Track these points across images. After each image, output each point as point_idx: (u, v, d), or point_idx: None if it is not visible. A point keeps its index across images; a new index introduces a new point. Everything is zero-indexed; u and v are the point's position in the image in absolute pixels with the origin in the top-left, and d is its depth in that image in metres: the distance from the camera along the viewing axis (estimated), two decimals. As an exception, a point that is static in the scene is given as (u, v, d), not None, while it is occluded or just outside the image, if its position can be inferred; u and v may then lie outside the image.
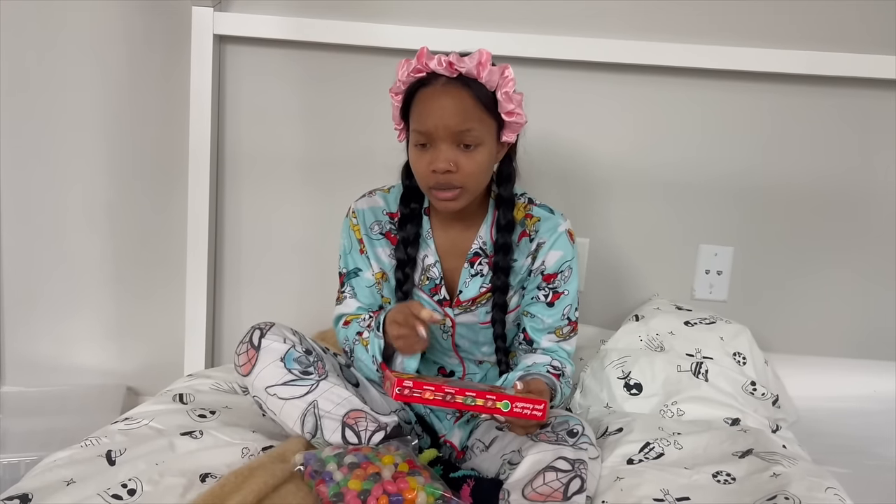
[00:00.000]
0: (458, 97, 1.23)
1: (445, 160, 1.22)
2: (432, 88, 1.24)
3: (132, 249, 1.88)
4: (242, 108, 1.82)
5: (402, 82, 1.27)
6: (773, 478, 1.15)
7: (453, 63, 1.22)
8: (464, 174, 1.24)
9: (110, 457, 1.17)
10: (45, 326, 1.90)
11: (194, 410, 1.37)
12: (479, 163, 1.25)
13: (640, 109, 1.80)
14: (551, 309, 1.35)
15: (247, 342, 1.28)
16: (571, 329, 1.37)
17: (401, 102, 1.29)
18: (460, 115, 1.22)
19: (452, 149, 1.23)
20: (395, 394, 1.10)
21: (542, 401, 1.12)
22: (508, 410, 1.10)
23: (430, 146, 1.24)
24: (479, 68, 1.22)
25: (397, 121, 1.32)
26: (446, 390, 1.10)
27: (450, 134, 1.22)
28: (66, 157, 1.83)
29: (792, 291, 1.87)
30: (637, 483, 1.17)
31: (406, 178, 1.37)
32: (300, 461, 1.16)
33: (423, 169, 1.26)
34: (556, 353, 1.36)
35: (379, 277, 1.39)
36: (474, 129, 1.23)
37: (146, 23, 1.77)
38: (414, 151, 1.27)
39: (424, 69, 1.24)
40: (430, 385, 1.10)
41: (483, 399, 1.10)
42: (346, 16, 1.74)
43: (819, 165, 1.81)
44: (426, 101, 1.24)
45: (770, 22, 1.73)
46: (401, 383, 1.10)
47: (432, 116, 1.22)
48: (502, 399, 1.10)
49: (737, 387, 1.51)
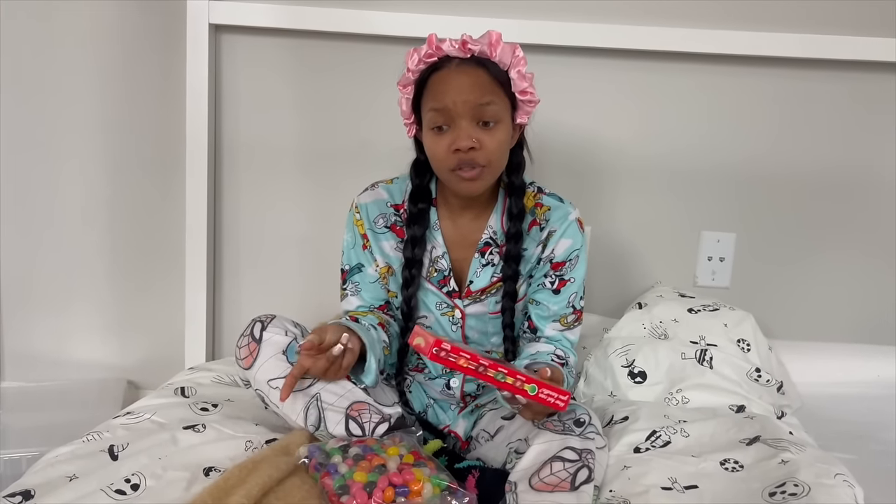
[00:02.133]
0: (474, 74, 1.22)
1: (468, 137, 1.21)
2: (447, 70, 1.23)
3: (130, 242, 1.87)
4: (239, 99, 1.80)
5: (412, 71, 1.25)
6: (781, 465, 1.15)
7: (467, 42, 1.22)
8: (487, 151, 1.22)
9: (112, 451, 1.15)
10: (44, 321, 1.88)
11: (196, 404, 1.36)
12: (500, 141, 1.24)
13: (643, 96, 1.79)
14: (557, 296, 1.34)
15: (248, 335, 1.27)
16: (576, 318, 1.36)
17: (412, 93, 1.27)
18: (479, 89, 1.21)
19: (473, 126, 1.22)
20: (431, 353, 1.07)
21: (568, 392, 1.10)
22: (535, 395, 1.09)
23: (450, 127, 1.23)
24: (492, 48, 1.22)
25: (407, 115, 1.30)
26: (480, 361, 1.08)
27: (470, 108, 1.21)
28: (63, 149, 1.81)
29: (794, 277, 1.87)
30: (644, 472, 1.16)
31: (416, 176, 1.35)
32: (304, 454, 1.15)
33: (442, 151, 1.23)
34: (559, 343, 1.35)
35: (384, 271, 1.38)
36: (494, 103, 1.22)
37: (141, 14, 1.75)
38: (431, 136, 1.25)
39: (437, 53, 1.23)
40: (466, 353, 1.08)
41: (514, 378, 1.08)
42: (342, 3, 1.72)
43: (821, 151, 1.80)
44: (442, 81, 1.23)
45: (773, 5, 1.71)
46: (439, 344, 1.07)
47: (450, 93, 1.21)
48: (531, 382, 1.09)
49: (741, 374, 1.50)
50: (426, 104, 1.25)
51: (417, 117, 1.29)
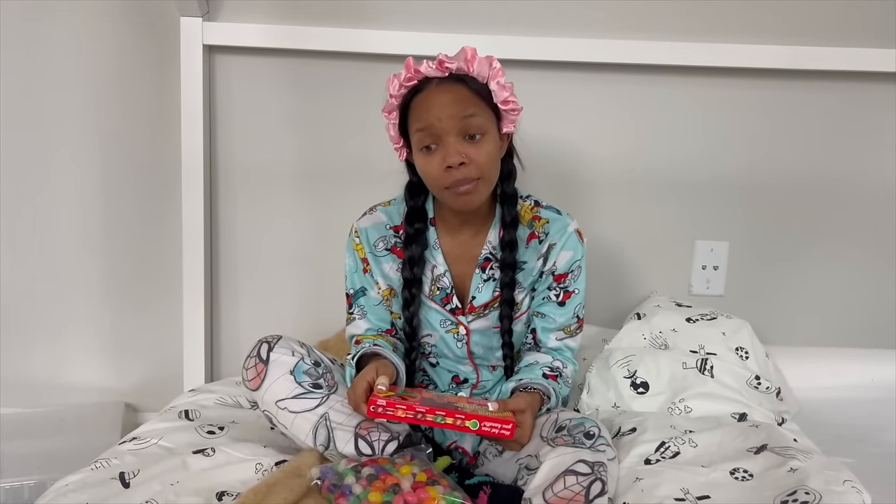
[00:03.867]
0: (454, 90, 1.24)
1: (457, 152, 1.22)
2: (427, 91, 1.25)
3: (126, 264, 1.86)
4: (234, 118, 1.80)
5: (394, 97, 1.27)
6: (790, 473, 1.16)
7: (444, 61, 1.23)
8: (477, 164, 1.24)
9: (124, 478, 1.15)
10: (41, 345, 1.87)
11: (202, 427, 1.35)
12: (488, 152, 1.25)
13: (633, 109, 1.81)
14: (563, 308, 1.36)
15: (255, 356, 1.27)
16: (578, 326, 1.39)
17: (397, 118, 1.29)
18: (461, 103, 1.23)
19: (460, 141, 1.23)
20: (369, 411, 1.14)
21: (511, 420, 1.14)
22: (477, 429, 1.14)
23: (438, 146, 1.24)
24: (469, 63, 1.24)
25: (395, 139, 1.31)
26: (417, 409, 1.13)
27: (455, 124, 1.22)
28: (59, 171, 1.80)
29: (787, 284, 1.89)
30: (657, 483, 1.18)
31: (410, 197, 1.36)
32: (317, 475, 1.15)
33: (434, 170, 1.25)
34: (559, 353, 1.37)
35: (387, 294, 1.39)
36: (477, 115, 1.24)
37: (135, 35, 1.75)
38: (421, 157, 1.26)
39: (416, 76, 1.25)
40: (402, 404, 1.13)
41: (452, 418, 1.13)
42: (334, 22, 1.73)
43: (810, 159, 1.84)
44: (425, 101, 1.24)
45: (759, 18, 1.74)
46: (374, 402, 1.13)
47: (433, 111, 1.23)
48: (471, 419, 1.13)
49: (741, 381, 1.52)
50: (412, 126, 1.26)
51: (406, 141, 1.31)
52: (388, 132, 1.31)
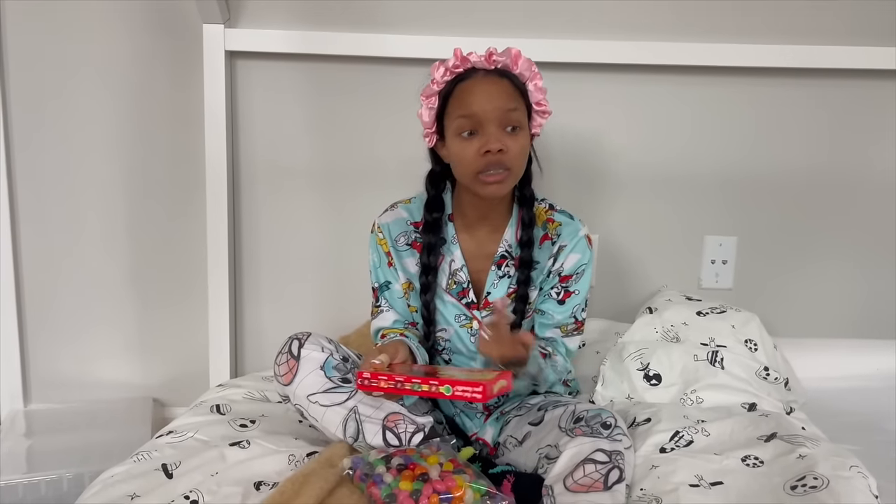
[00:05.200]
0: (500, 84, 1.31)
1: (497, 140, 1.28)
2: (473, 80, 1.31)
3: (151, 262, 1.91)
4: (255, 121, 1.85)
5: (437, 83, 1.32)
6: (799, 459, 1.21)
7: (493, 54, 1.30)
8: (512, 155, 1.29)
9: (167, 470, 1.21)
10: (68, 342, 1.92)
11: (234, 420, 1.41)
12: (523, 146, 1.32)
13: (644, 107, 1.86)
14: (562, 306, 1.42)
15: (286, 352, 1.32)
16: (576, 328, 1.44)
17: (436, 103, 1.34)
18: (506, 96, 1.30)
19: (500, 131, 1.29)
20: (357, 384, 1.19)
21: (480, 383, 1.14)
22: (451, 394, 1.15)
23: (478, 132, 1.29)
24: (514, 61, 1.31)
25: (429, 125, 1.36)
26: (396, 379, 1.16)
27: (499, 115, 1.28)
28: (84, 174, 1.86)
29: (794, 277, 1.94)
30: (672, 470, 1.23)
31: (431, 186, 1.42)
32: (348, 465, 1.21)
33: (471, 155, 1.29)
34: (553, 342, 1.43)
35: (406, 287, 1.44)
36: (518, 109, 1.31)
37: (159, 41, 1.80)
38: (459, 142, 1.31)
39: (463, 64, 1.31)
40: (384, 375, 1.17)
41: (427, 385, 1.15)
42: (352, 28, 1.78)
43: (815, 154, 1.88)
44: (471, 90, 1.30)
45: (765, 19, 1.79)
46: (361, 375, 1.18)
47: (480, 100, 1.29)
48: (444, 384, 1.15)
49: (751, 373, 1.57)
50: (453, 112, 1.32)
51: (438, 127, 1.36)
52: (420, 118, 1.36)
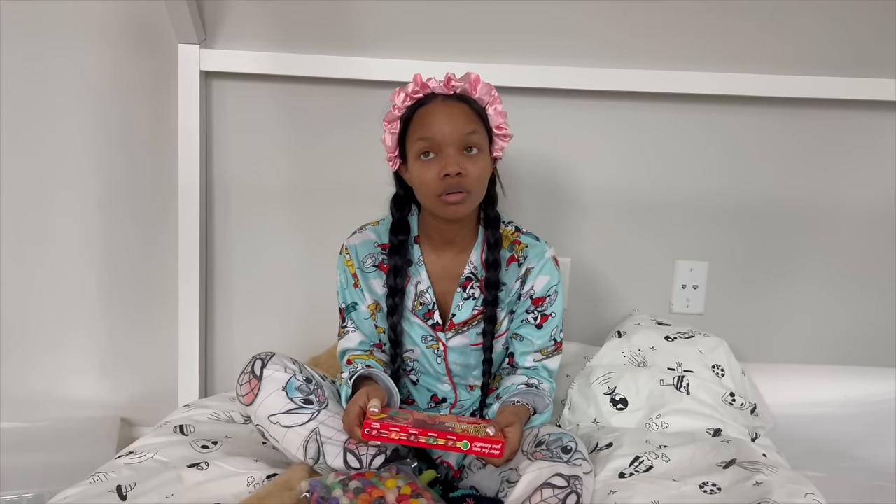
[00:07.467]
0: (459, 108, 1.32)
1: (455, 163, 1.29)
2: (432, 105, 1.32)
3: (123, 281, 1.91)
4: (229, 141, 1.86)
5: (398, 108, 1.34)
6: (755, 486, 1.21)
7: (451, 79, 1.32)
8: (471, 178, 1.31)
9: (121, 492, 1.20)
10: (38, 360, 1.91)
11: (196, 441, 1.40)
12: (482, 168, 1.33)
13: (617, 133, 1.87)
14: (540, 331, 1.42)
15: (248, 372, 1.32)
16: (556, 349, 1.44)
17: (398, 128, 1.35)
18: (464, 119, 1.31)
19: (459, 154, 1.30)
20: (363, 434, 1.19)
21: (500, 440, 1.19)
22: (468, 449, 1.19)
23: (437, 155, 1.31)
24: (473, 86, 1.33)
25: (391, 149, 1.37)
26: (409, 431, 1.18)
27: (457, 138, 1.30)
28: (57, 191, 1.86)
29: (764, 302, 1.95)
30: (629, 496, 1.23)
31: (396, 209, 1.42)
32: (306, 488, 1.20)
33: (431, 177, 1.31)
34: (535, 371, 1.43)
35: (373, 308, 1.44)
36: (477, 132, 1.32)
37: (134, 60, 1.80)
38: (419, 165, 1.33)
39: (422, 90, 1.33)
40: (395, 426, 1.18)
41: (444, 439, 1.18)
42: (327, 50, 1.79)
43: (786, 181, 1.90)
44: (430, 115, 1.32)
45: (738, 48, 1.81)
46: (369, 424, 1.18)
47: (438, 124, 1.30)
48: (462, 439, 1.18)
49: (717, 398, 1.57)
50: (413, 136, 1.33)
51: (401, 151, 1.37)
52: (384, 142, 1.37)
